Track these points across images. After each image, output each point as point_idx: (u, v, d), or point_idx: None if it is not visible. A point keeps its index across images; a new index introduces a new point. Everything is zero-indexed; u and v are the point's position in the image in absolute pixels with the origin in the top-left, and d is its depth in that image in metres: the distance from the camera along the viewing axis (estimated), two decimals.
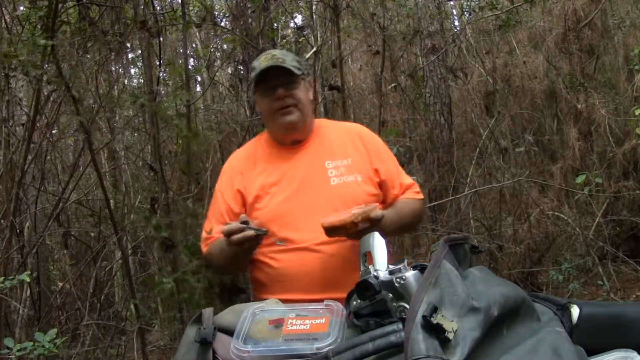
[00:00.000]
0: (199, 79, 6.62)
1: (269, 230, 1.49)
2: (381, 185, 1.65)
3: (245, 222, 1.42)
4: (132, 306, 2.84)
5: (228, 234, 1.41)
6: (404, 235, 4.01)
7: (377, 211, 1.40)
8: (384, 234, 1.21)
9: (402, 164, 1.87)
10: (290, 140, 1.67)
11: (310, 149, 1.67)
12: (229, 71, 6.17)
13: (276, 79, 1.59)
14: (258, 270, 1.61)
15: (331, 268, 1.48)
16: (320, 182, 1.59)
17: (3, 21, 3.00)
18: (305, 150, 1.67)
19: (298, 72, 1.62)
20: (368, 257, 1.16)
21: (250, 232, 1.40)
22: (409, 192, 1.69)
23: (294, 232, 1.53)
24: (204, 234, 1.67)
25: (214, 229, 1.62)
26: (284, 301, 1.37)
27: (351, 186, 1.58)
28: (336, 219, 1.38)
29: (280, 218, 1.55)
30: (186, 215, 2.67)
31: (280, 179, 1.61)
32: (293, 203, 1.57)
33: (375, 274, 1.02)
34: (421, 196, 1.73)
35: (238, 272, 1.71)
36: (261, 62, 1.61)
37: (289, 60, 1.62)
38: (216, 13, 5.94)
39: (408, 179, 1.73)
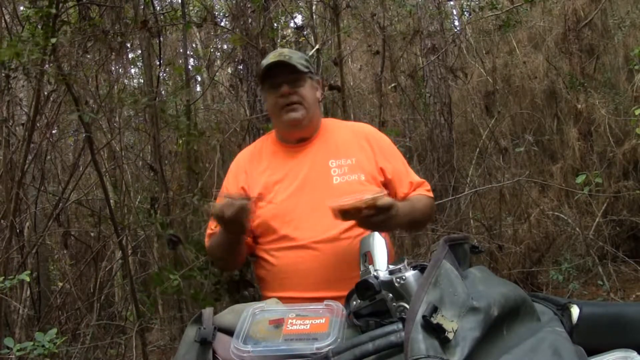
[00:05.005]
0: (199, 79, 6.63)
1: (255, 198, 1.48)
2: (387, 184, 1.63)
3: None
4: (132, 306, 2.84)
5: (221, 213, 1.40)
6: (405, 234, 4.01)
7: (384, 199, 1.36)
8: (393, 227, 1.18)
9: None
10: (295, 138, 1.68)
11: (315, 147, 1.67)
12: (229, 71, 6.18)
13: (282, 76, 1.60)
14: (259, 267, 1.62)
15: (328, 266, 1.48)
16: (322, 181, 1.58)
17: (3, 21, 2.99)
18: (310, 148, 1.67)
19: (304, 70, 1.62)
20: (368, 257, 1.16)
21: (242, 202, 1.39)
22: (420, 189, 1.67)
23: (295, 230, 1.53)
24: (208, 230, 1.69)
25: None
26: (283, 299, 1.37)
27: (353, 185, 1.57)
28: (343, 203, 1.35)
29: (281, 216, 1.55)
30: (188, 212, 2.67)
31: (283, 177, 1.62)
32: (295, 201, 1.57)
33: (375, 274, 1.02)
34: (432, 194, 1.72)
35: (236, 264, 1.71)
36: (269, 59, 1.63)
37: (296, 58, 1.63)
38: (216, 13, 5.95)
39: (418, 177, 1.71)
